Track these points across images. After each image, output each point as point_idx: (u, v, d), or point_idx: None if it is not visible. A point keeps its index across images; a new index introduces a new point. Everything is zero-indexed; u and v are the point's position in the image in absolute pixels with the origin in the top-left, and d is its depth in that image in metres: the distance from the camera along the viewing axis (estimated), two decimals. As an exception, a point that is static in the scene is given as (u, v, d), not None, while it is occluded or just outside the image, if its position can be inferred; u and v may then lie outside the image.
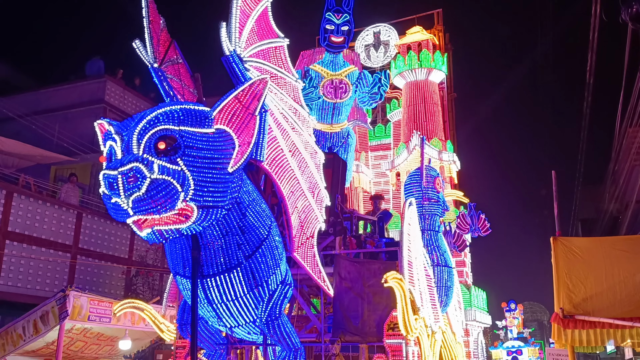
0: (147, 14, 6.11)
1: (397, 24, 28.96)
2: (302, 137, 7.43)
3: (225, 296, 5.81)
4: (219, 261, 5.66)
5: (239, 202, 5.64)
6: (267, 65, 6.59)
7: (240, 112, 5.25)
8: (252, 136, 5.34)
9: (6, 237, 13.41)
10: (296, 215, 7.29)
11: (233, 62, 5.81)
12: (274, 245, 6.11)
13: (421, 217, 11.41)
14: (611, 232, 19.46)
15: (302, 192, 7.39)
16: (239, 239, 5.69)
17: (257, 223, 5.87)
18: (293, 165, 7.15)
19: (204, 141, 4.88)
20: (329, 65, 12.05)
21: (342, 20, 11.34)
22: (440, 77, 24.18)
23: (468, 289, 19.08)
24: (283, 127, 6.96)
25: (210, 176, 4.86)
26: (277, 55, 6.91)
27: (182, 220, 4.77)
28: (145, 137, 4.60)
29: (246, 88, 5.31)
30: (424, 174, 11.46)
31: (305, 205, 7.51)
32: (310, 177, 7.63)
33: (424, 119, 22.43)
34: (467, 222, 16.49)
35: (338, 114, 12.32)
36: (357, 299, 8.16)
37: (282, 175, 6.98)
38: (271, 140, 6.76)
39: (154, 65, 6.21)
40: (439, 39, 26.23)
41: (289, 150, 7.11)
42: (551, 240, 7.39)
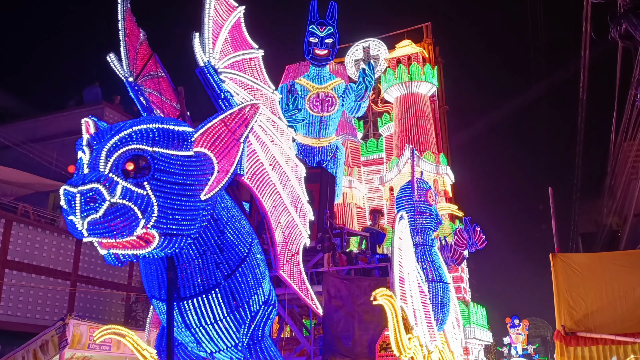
0: (123, 27, 5.98)
1: (387, 38, 29.30)
2: (282, 150, 7.29)
3: (203, 319, 5.54)
4: (197, 282, 5.42)
5: (217, 219, 5.43)
6: (242, 77, 6.48)
7: (225, 137, 4.98)
8: (232, 164, 5.12)
9: (5, 265, 13.56)
10: (280, 231, 7.09)
11: (208, 73, 5.68)
12: (255, 263, 5.89)
13: (414, 231, 11.22)
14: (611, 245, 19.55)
15: (284, 206, 7.20)
16: (217, 257, 5.46)
17: (237, 241, 5.65)
18: (274, 179, 6.98)
19: (178, 165, 4.60)
20: (315, 78, 12.00)
21: (326, 33, 11.33)
22: (431, 89, 24.34)
23: (466, 306, 18.80)
24: (262, 140, 6.81)
25: (178, 203, 4.60)
26: (252, 67, 6.81)
27: (141, 245, 4.52)
28: (114, 156, 4.39)
29: (235, 112, 5.06)
30: (415, 187, 11.32)
31: (288, 220, 7.32)
32: (292, 191, 7.45)
33: (416, 132, 22.46)
34: (464, 237, 16.31)
35: (325, 128, 12.22)
36: (347, 318, 7.91)
37: (263, 190, 6.80)
38: (250, 153, 6.60)
39: (129, 79, 6.07)
40: (428, 52, 26.51)
41: (269, 164, 6.95)
42: (550, 256, 7.46)
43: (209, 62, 5.70)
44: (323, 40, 11.32)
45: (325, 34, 11.30)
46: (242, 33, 6.77)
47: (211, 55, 5.77)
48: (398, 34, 28.38)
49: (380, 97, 26.85)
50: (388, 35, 29.01)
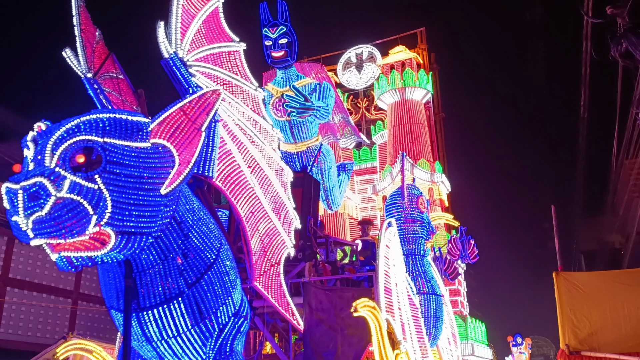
0: (79, 22, 5.74)
1: (380, 44, 29.36)
2: (265, 152, 7.01)
3: (165, 332, 5.21)
4: (157, 291, 5.10)
5: (181, 222, 5.14)
6: (218, 71, 6.22)
7: (185, 126, 4.77)
8: (194, 155, 4.88)
9: (7, 284, 13.77)
10: (257, 239, 6.79)
11: (173, 65, 5.42)
12: (224, 271, 5.57)
13: (404, 240, 10.92)
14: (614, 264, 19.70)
15: (264, 213, 6.91)
16: (180, 264, 5.16)
17: (203, 245, 5.35)
18: (253, 182, 6.70)
19: (133, 157, 4.37)
20: (281, 82, 11.79)
21: (278, 34, 11.12)
22: (426, 96, 24.24)
23: (464, 321, 18.43)
24: (239, 140, 6.54)
25: (135, 198, 4.33)
26: (231, 61, 6.55)
27: (96, 246, 4.22)
28: (60, 148, 4.12)
29: (195, 99, 4.86)
30: (405, 193, 11.05)
31: (269, 228, 7.02)
32: (275, 196, 7.16)
33: (410, 139, 22.30)
34: (457, 247, 16.04)
35: (299, 131, 11.93)
36: (329, 332, 7.56)
37: (238, 194, 6.51)
38: (224, 154, 6.33)
39: (87, 75, 5.81)
40: (423, 58, 26.49)
41: (247, 166, 6.67)
42: (553, 275, 7.59)
43: (175, 54, 5.45)
44: (276, 41, 11.12)
45: (277, 35, 11.09)
46: (219, 24, 6.51)
47: (179, 46, 5.52)
48: (392, 39, 28.43)
49: (373, 105, 26.76)
50: (382, 42, 29.08)
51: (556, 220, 9.55)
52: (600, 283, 7.54)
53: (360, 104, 27.99)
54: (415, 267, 10.80)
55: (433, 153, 23.79)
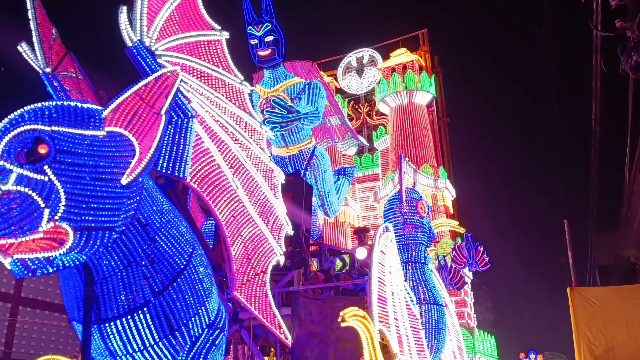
0: (35, 16, 5.49)
1: (381, 47, 29.13)
2: (251, 152, 6.67)
3: (130, 345, 4.85)
4: (120, 300, 4.76)
5: (146, 224, 4.81)
6: (194, 62, 5.90)
7: (143, 112, 4.56)
8: (155, 141, 4.60)
9: (20, 303, 14.09)
10: (240, 245, 6.44)
11: (138, 55, 5.12)
12: (196, 278, 5.22)
13: (404, 247, 10.52)
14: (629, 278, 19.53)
15: (248, 217, 6.56)
16: (146, 270, 4.82)
17: (172, 250, 5.02)
18: (235, 184, 6.36)
19: (86, 145, 4.15)
20: (269, 82, 11.49)
21: (264, 31, 10.85)
22: (428, 99, 23.92)
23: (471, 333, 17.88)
24: (219, 137, 6.22)
25: (92, 189, 4.09)
26: (211, 52, 6.21)
27: (53, 246, 3.95)
28: (3, 141, 3.88)
29: (150, 82, 4.67)
30: (404, 197, 10.67)
31: (253, 233, 6.67)
32: (262, 200, 6.82)
33: (412, 144, 21.95)
34: (463, 254, 15.58)
35: (290, 134, 11.61)
36: (320, 346, 7.16)
37: (217, 196, 6.18)
38: (201, 153, 6.01)
39: (46, 70, 5.53)
40: (425, 60, 26.22)
41: (229, 167, 6.34)
42: (568, 290, 7.67)
43: (140, 42, 5.15)
44: (262, 39, 10.85)
45: (263, 33, 10.82)
46: (197, 10, 6.16)
47: (145, 33, 5.23)
48: (393, 42, 28.20)
49: (375, 109, 26.48)
50: (383, 45, 28.87)
51: (569, 234, 9.73)
52: (616, 298, 7.53)
53: (361, 109, 27.73)
54: (415, 276, 10.37)
55: (437, 158, 23.41)
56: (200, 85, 5.86)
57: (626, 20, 7.38)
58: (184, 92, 5.60)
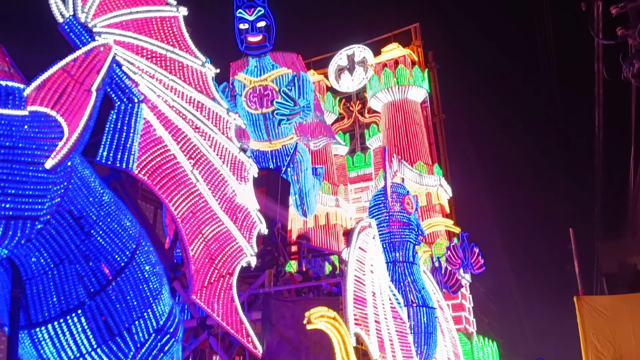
0: None
1: (373, 43, 28.77)
2: (215, 141, 6.30)
3: (65, 353, 4.48)
4: (52, 302, 4.40)
5: (80, 217, 4.45)
6: (142, 41, 5.52)
7: (72, 90, 4.23)
8: (87, 119, 4.25)
9: None
10: (201, 244, 6.08)
11: (71, 32, 4.77)
12: (141, 277, 4.85)
13: (390, 245, 10.15)
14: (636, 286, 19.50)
15: (211, 214, 6.20)
16: (80, 268, 4.46)
17: (110, 246, 4.66)
18: (195, 177, 6.00)
19: (3, 125, 3.83)
20: (254, 71, 11.16)
21: (256, 16, 10.52)
22: (422, 94, 23.59)
23: (469, 339, 17.43)
24: (175, 125, 5.86)
25: (9, 172, 3.76)
26: (165, 29, 5.83)
27: None
28: None
29: (80, 57, 4.36)
30: (389, 192, 10.30)
31: (218, 232, 6.30)
32: (230, 195, 6.45)
33: (406, 141, 21.58)
34: (457, 255, 15.18)
35: (274, 127, 11.28)
36: (293, 353, 6.77)
37: (172, 190, 5.82)
38: (152, 142, 5.65)
39: None
40: (418, 55, 25.90)
41: (187, 158, 5.98)
42: (575, 299, 7.87)
43: (73, 18, 4.80)
44: (254, 24, 10.52)
45: (255, 17, 10.50)
46: None
47: (79, 8, 4.87)
48: (385, 38, 27.87)
49: (366, 107, 26.15)
50: (374, 41, 28.54)
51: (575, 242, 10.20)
52: (623, 306, 7.66)
53: (352, 108, 27.40)
54: (402, 276, 9.99)
55: (432, 156, 23.03)
56: (150, 66, 5.51)
57: (627, 28, 7.57)
58: (129, 74, 5.26)
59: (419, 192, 19.74)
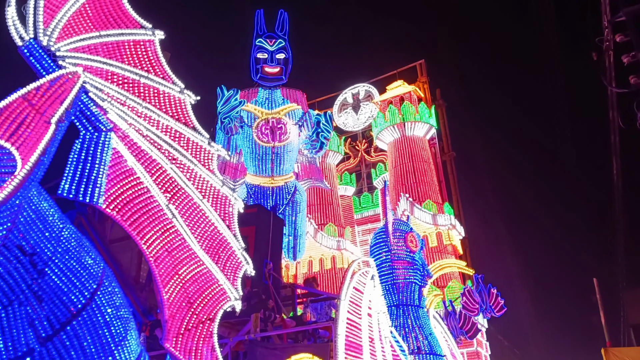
0: None
1: (378, 81, 29.06)
2: (194, 174, 6.06)
3: (10, 409, 4.07)
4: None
5: (33, 253, 4.17)
6: (113, 66, 5.37)
7: (32, 120, 4.05)
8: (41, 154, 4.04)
9: None
10: (177, 286, 5.73)
11: (31, 56, 4.65)
12: (100, 320, 4.50)
13: (392, 287, 9.68)
14: None
15: (189, 253, 5.88)
16: (31, 310, 4.13)
17: (67, 286, 4.34)
18: (171, 212, 5.73)
19: None
20: (265, 103, 11.14)
21: (277, 47, 10.62)
22: (429, 131, 23.49)
23: (489, 390, 16.47)
24: (149, 156, 5.64)
25: None
26: (138, 54, 5.68)
27: None
28: None
29: (44, 85, 4.22)
30: (390, 230, 9.92)
31: (197, 273, 5.95)
32: (211, 232, 6.13)
33: (413, 179, 21.27)
34: (474, 299, 14.53)
35: (279, 163, 11.12)
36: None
37: (145, 227, 5.53)
38: (123, 174, 5.42)
39: None
40: (424, 91, 26.00)
41: (163, 191, 5.73)
42: (602, 352, 8.10)
43: (34, 41, 4.69)
44: (274, 55, 10.61)
45: (275, 48, 10.60)
46: (120, 4, 5.68)
47: (41, 30, 4.75)
48: (390, 75, 28.18)
49: (373, 146, 26.07)
50: (379, 79, 28.84)
51: (600, 293, 10.74)
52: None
53: (358, 147, 27.35)
54: (407, 321, 9.45)
55: (442, 194, 22.63)
56: (121, 93, 5.34)
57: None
58: (97, 101, 5.09)
59: (429, 233, 19.25)
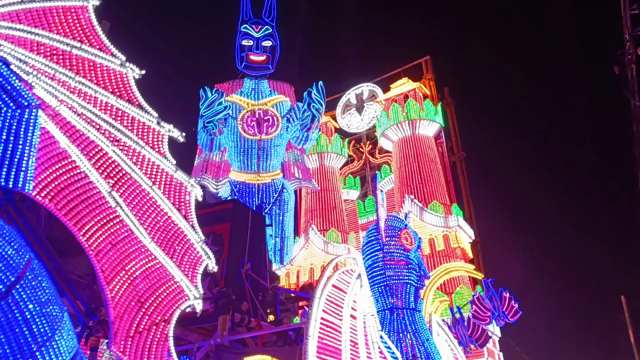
0: None
1: (382, 80, 28.62)
2: (143, 157, 5.62)
3: None
4: None
5: None
6: (39, 35, 4.96)
7: None
8: None
9: None
10: (124, 283, 5.25)
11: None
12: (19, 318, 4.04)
13: (385, 289, 9.11)
14: None
15: (138, 246, 5.42)
16: None
17: None
18: (115, 200, 5.28)
19: None
20: (251, 94, 10.70)
21: (263, 33, 10.23)
22: (435, 129, 22.90)
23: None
24: (86, 137, 5.21)
25: None
26: (69, 22, 5.26)
27: None
28: None
29: None
30: (382, 226, 9.36)
31: (149, 268, 5.49)
32: (164, 223, 5.68)
33: (419, 180, 20.65)
34: (485, 307, 13.83)
35: (266, 158, 10.61)
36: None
37: (83, 216, 5.08)
38: (54, 157, 4.97)
39: None
40: (430, 89, 25.47)
41: (105, 177, 5.29)
42: None
43: None
44: (259, 42, 10.23)
45: (261, 35, 10.22)
46: None
47: None
48: (395, 74, 27.71)
49: (377, 147, 25.55)
50: (384, 78, 28.40)
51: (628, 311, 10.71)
52: None
53: (363, 149, 26.86)
54: (401, 325, 8.85)
55: (450, 195, 21.97)
56: (50, 65, 4.91)
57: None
58: (20, 74, 4.66)
59: (436, 235, 18.59)
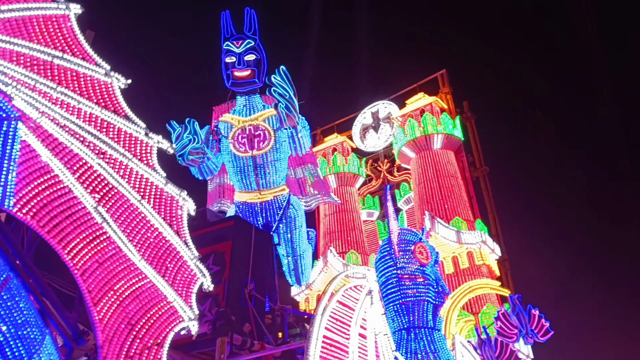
0: None
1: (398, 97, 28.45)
2: (130, 170, 5.51)
3: None
4: None
5: None
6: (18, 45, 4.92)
7: None
8: None
9: None
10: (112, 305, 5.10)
11: None
12: None
13: (401, 307, 8.72)
14: None
15: (127, 264, 5.27)
16: None
17: None
18: (101, 216, 5.16)
19: None
20: (243, 110, 10.59)
21: (244, 48, 10.13)
22: (454, 143, 22.52)
23: None
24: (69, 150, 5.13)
25: None
26: (50, 32, 5.25)
27: None
28: None
29: None
30: (395, 241, 9.04)
31: (139, 288, 5.33)
32: (154, 240, 5.53)
33: (440, 196, 20.21)
34: (512, 323, 13.25)
35: (264, 174, 10.41)
36: None
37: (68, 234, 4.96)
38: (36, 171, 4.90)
39: None
40: (447, 102, 25.18)
41: (90, 191, 5.18)
42: None
43: None
44: (241, 57, 10.10)
45: (243, 49, 10.10)
46: None
47: None
48: (410, 90, 27.55)
49: (395, 165, 25.25)
50: (399, 94, 28.25)
51: None
52: None
53: (380, 167, 26.54)
54: (419, 345, 8.43)
55: (473, 211, 21.42)
56: (29, 76, 4.87)
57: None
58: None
59: (459, 253, 18.07)
